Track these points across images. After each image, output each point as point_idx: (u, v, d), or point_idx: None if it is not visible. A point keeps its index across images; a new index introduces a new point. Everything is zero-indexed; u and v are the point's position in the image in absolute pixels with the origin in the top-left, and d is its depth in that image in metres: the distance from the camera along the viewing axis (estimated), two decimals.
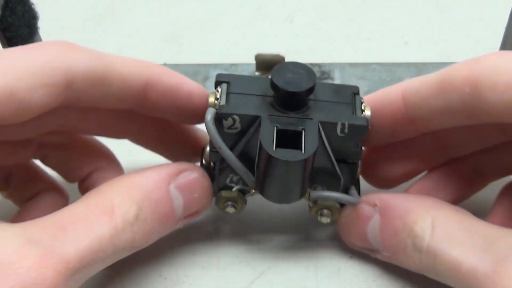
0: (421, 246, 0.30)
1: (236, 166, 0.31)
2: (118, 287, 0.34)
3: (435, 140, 0.33)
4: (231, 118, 0.30)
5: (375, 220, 0.32)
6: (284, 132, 0.30)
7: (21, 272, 0.25)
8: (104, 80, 0.29)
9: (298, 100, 0.30)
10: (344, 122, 0.30)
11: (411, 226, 0.30)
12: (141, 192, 0.30)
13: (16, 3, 0.37)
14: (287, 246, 0.36)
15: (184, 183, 0.32)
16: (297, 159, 0.29)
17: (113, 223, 0.28)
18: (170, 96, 0.32)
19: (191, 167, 0.32)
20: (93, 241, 0.27)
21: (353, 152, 0.32)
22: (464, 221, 0.30)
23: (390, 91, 0.32)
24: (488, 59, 0.28)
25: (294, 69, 0.30)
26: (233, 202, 0.34)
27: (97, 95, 0.29)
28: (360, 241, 0.33)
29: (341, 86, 0.32)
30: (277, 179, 0.30)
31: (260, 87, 0.31)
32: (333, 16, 0.48)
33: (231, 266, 0.35)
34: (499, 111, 0.28)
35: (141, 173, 0.31)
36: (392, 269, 0.34)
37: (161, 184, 0.31)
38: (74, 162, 0.35)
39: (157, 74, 0.31)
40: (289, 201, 0.31)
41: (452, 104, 0.29)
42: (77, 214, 0.28)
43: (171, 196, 0.31)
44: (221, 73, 0.32)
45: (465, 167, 0.34)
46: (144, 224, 0.30)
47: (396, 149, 0.34)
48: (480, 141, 0.33)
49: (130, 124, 0.34)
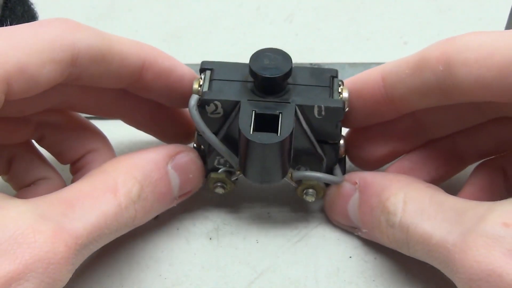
0: (393, 222, 0.31)
1: (220, 149, 0.33)
2: (117, 287, 0.34)
3: (414, 122, 0.34)
4: (213, 104, 0.32)
5: (355, 198, 0.34)
6: (262, 116, 0.31)
7: (35, 246, 0.26)
8: (105, 57, 0.30)
9: (276, 85, 0.32)
10: (321, 104, 0.32)
11: (384, 203, 0.31)
12: (142, 171, 0.31)
13: (15, 3, 0.37)
14: (286, 246, 0.36)
15: (180, 164, 0.33)
16: (272, 142, 0.30)
17: (117, 201, 0.30)
18: (164, 77, 0.33)
19: (186, 148, 0.34)
20: (99, 217, 0.29)
21: (332, 133, 0.33)
22: (435, 196, 0.31)
23: (370, 73, 0.33)
24: (461, 38, 0.29)
25: (271, 55, 0.32)
26: (222, 183, 0.35)
27: (97, 72, 0.31)
28: (342, 218, 0.35)
29: (320, 70, 0.34)
30: (256, 161, 0.32)
31: (242, 73, 0.33)
32: (333, 16, 0.48)
33: (231, 266, 0.35)
34: (470, 88, 0.28)
35: (141, 153, 0.33)
36: (392, 269, 0.34)
37: (160, 165, 0.32)
38: (69, 142, 0.35)
39: (153, 55, 0.32)
40: (270, 182, 0.33)
41: (428, 83, 0.30)
42: (83, 192, 0.29)
43: (169, 176, 0.33)
44: (205, 61, 0.34)
45: (443, 148, 0.35)
46: (145, 202, 0.31)
47: (378, 131, 0.35)
48: (457, 122, 0.34)
49: (125, 103, 0.35)
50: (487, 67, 0.28)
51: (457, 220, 0.28)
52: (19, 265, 0.25)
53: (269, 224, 0.37)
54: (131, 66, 0.32)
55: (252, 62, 0.32)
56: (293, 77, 0.32)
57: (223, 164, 0.35)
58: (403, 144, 0.35)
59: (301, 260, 0.35)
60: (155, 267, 0.35)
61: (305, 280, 0.34)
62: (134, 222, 0.31)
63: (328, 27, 0.47)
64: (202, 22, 0.48)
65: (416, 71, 0.30)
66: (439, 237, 0.28)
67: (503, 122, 0.33)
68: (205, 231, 0.36)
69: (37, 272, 0.26)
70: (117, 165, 0.32)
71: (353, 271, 0.34)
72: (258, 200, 0.38)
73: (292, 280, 0.34)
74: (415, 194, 0.31)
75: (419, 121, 0.34)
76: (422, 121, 0.34)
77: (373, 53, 0.45)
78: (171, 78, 0.33)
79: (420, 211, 0.30)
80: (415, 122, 0.34)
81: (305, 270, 0.35)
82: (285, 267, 0.35)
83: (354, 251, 0.35)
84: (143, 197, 0.31)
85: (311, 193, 0.35)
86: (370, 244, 0.35)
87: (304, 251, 0.35)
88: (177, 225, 0.37)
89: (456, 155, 0.35)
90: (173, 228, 0.36)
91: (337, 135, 0.34)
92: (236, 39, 0.47)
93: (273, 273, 0.35)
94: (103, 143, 0.36)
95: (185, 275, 0.35)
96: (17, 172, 0.35)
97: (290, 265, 0.35)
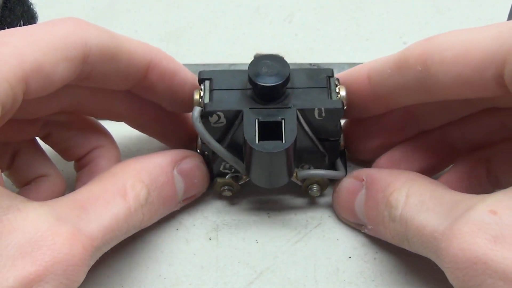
0: (394, 215, 0.31)
1: (226, 157, 0.34)
2: (117, 287, 0.34)
3: (406, 113, 0.35)
4: (216, 115, 0.33)
5: (361, 194, 0.34)
6: (265, 124, 0.32)
7: (55, 248, 0.26)
8: (115, 55, 0.31)
9: (275, 92, 0.32)
10: (321, 107, 0.33)
11: (388, 197, 0.32)
12: (149, 176, 0.32)
13: (15, 3, 0.37)
14: (286, 246, 0.36)
15: (186, 169, 0.34)
16: (278, 150, 0.31)
17: (127, 204, 0.30)
18: (168, 79, 0.33)
19: (192, 154, 0.35)
20: (112, 220, 0.29)
21: (333, 131, 0.34)
22: (437, 190, 0.31)
23: (358, 70, 0.33)
24: (439, 37, 0.29)
25: (269, 62, 0.32)
26: (229, 187, 0.36)
27: (107, 70, 0.31)
28: (349, 215, 0.35)
29: (316, 71, 0.34)
30: (264, 168, 0.33)
31: (240, 81, 0.33)
32: (332, 16, 0.48)
33: (230, 266, 0.35)
34: (449, 86, 0.29)
35: (148, 157, 0.33)
36: (391, 269, 0.34)
37: (167, 169, 0.33)
38: (75, 140, 0.36)
39: (159, 57, 0.33)
40: (278, 185, 0.34)
41: (409, 83, 0.30)
42: (95, 194, 0.30)
43: (174, 181, 0.33)
44: (203, 70, 0.34)
45: (434, 139, 0.36)
46: (152, 206, 0.32)
47: (371, 123, 0.36)
48: (448, 114, 0.34)
49: (130, 106, 0.35)
50: (464, 64, 0.28)
51: (450, 211, 0.28)
52: (40, 267, 0.26)
53: (268, 224, 0.37)
54: (138, 65, 0.32)
55: (251, 71, 0.32)
56: (291, 81, 0.33)
57: (229, 169, 0.36)
58: (396, 135, 0.36)
59: (300, 260, 0.35)
60: (154, 267, 0.35)
61: (304, 280, 0.34)
62: (141, 225, 0.32)
63: (328, 27, 0.47)
64: (202, 22, 0.48)
65: (397, 70, 0.31)
66: (431, 227, 0.28)
67: (493, 113, 0.33)
68: (205, 232, 0.36)
69: (56, 273, 0.26)
70: (126, 169, 0.32)
71: (352, 271, 0.34)
72: (258, 200, 0.38)
73: (292, 280, 0.34)
74: (418, 188, 0.31)
75: (411, 113, 0.35)
76: (413, 113, 0.35)
77: (372, 53, 0.45)
78: (175, 80, 0.34)
79: (420, 204, 0.30)
80: (407, 114, 0.35)
81: (305, 271, 0.35)
82: (284, 267, 0.35)
83: (353, 251, 0.35)
84: (150, 201, 0.32)
85: (316, 189, 0.36)
86: (369, 244, 0.35)
87: (304, 252, 0.35)
88: (176, 225, 0.37)
89: (447, 146, 0.35)
90: (173, 228, 0.36)
91: (338, 133, 0.34)
92: (235, 39, 0.47)
93: (272, 273, 0.35)
94: (107, 139, 0.36)
95: (184, 275, 0.35)
96: (20, 168, 0.35)
97: (289, 265, 0.35)
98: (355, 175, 0.35)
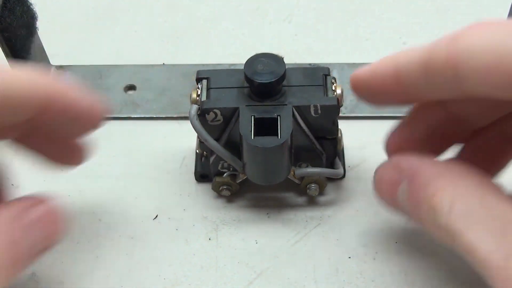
0: (439, 222, 0.28)
1: (223, 155, 0.34)
2: (117, 287, 0.34)
3: (450, 116, 0.32)
4: (212, 112, 0.33)
5: (403, 186, 0.30)
6: (261, 120, 0.32)
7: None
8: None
9: (271, 89, 0.33)
10: (316, 103, 0.33)
11: (430, 199, 0.29)
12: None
13: (14, 3, 0.37)
14: (285, 246, 0.36)
15: (29, 223, 0.29)
16: (273, 145, 0.31)
17: None
18: (62, 116, 0.30)
19: (37, 201, 0.30)
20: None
21: (330, 129, 0.35)
22: (486, 197, 0.28)
23: (383, 67, 0.31)
24: (466, 38, 0.27)
25: (265, 60, 0.33)
26: (227, 186, 0.36)
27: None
28: (393, 206, 0.32)
29: (312, 69, 0.35)
30: (260, 164, 0.33)
31: (237, 80, 0.34)
32: (332, 17, 0.48)
33: (230, 266, 0.35)
34: (484, 93, 0.27)
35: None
36: (391, 270, 0.34)
37: (6, 228, 0.28)
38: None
39: (53, 96, 0.29)
40: (274, 182, 0.34)
41: (441, 86, 0.28)
42: None
43: (15, 239, 0.28)
44: (201, 70, 0.35)
45: (491, 136, 0.33)
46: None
47: (418, 133, 0.33)
48: (496, 109, 0.32)
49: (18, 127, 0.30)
50: (499, 74, 0.26)
51: (502, 235, 0.26)
52: None
53: (268, 224, 0.37)
54: (25, 112, 0.28)
55: (247, 69, 0.33)
56: (287, 79, 0.33)
57: (227, 168, 0.36)
58: (448, 140, 0.33)
59: (300, 260, 0.35)
60: (154, 267, 0.35)
61: (304, 280, 0.34)
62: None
63: (327, 27, 0.47)
64: (202, 22, 0.48)
65: (427, 76, 0.28)
66: (484, 254, 0.26)
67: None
68: (204, 232, 0.36)
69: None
70: None
71: (352, 271, 0.34)
72: (257, 200, 0.38)
73: (291, 280, 0.34)
74: (465, 191, 0.28)
75: (455, 114, 0.32)
76: (457, 114, 0.32)
77: (372, 53, 0.45)
78: (71, 115, 0.30)
79: (468, 214, 0.27)
80: (452, 115, 0.32)
81: (304, 271, 0.35)
82: (284, 267, 0.35)
83: (353, 251, 0.35)
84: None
85: (314, 188, 0.36)
86: (369, 244, 0.35)
87: (303, 252, 0.35)
88: (176, 225, 0.37)
89: (506, 139, 0.33)
90: (172, 228, 0.36)
91: (335, 131, 0.35)
92: (235, 39, 0.47)
93: (272, 274, 0.35)
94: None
95: (184, 275, 0.35)
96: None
97: (289, 265, 0.35)
98: (394, 163, 0.31)
